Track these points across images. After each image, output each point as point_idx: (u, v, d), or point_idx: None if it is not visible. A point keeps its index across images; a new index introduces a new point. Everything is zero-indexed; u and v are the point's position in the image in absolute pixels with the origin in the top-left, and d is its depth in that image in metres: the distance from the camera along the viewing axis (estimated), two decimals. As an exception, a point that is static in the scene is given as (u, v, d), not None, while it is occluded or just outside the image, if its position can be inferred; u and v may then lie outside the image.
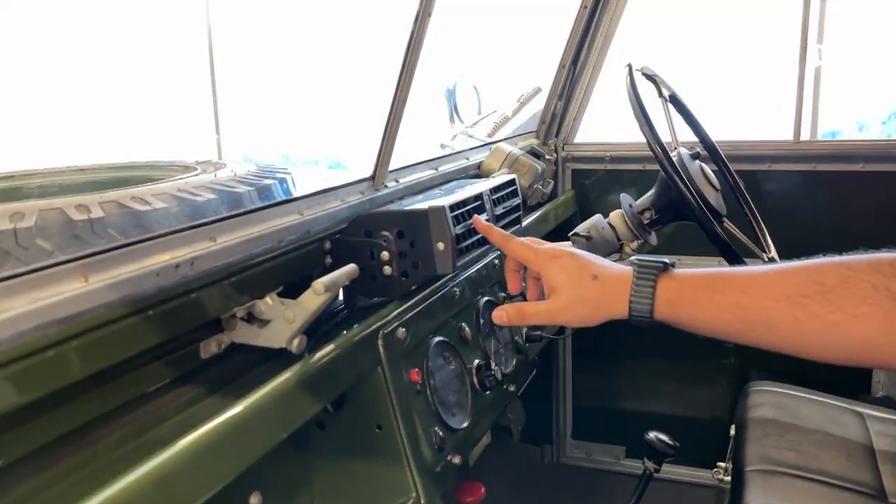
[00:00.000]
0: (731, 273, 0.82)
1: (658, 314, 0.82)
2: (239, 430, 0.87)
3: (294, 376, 0.96)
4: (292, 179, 1.66)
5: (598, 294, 0.85)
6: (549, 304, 0.89)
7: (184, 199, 1.32)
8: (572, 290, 0.86)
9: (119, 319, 0.85)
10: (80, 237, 1.17)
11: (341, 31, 4.31)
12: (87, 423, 0.88)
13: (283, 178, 1.62)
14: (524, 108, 2.24)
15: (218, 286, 0.99)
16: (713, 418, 2.33)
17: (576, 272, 0.86)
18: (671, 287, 0.82)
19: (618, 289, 0.84)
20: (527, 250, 0.93)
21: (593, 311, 0.85)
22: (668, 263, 0.84)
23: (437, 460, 1.18)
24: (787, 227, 2.17)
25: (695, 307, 0.81)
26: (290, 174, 1.68)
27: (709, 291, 0.80)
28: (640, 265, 0.85)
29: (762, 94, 4.05)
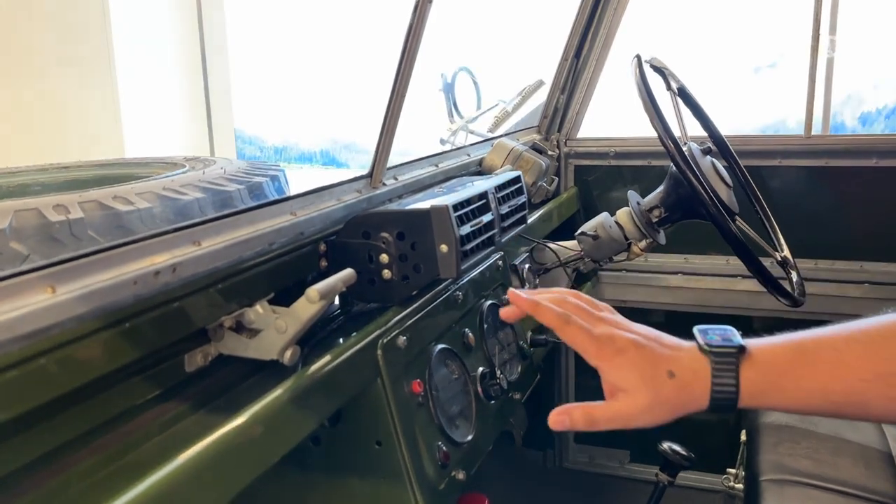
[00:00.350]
0: (813, 348, 0.75)
1: (741, 404, 0.75)
2: (226, 454, 0.80)
3: (286, 392, 0.88)
4: (285, 177, 1.58)
5: (678, 393, 0.76)
6: (622, 407, 0.79)
7: (169, 199, 1.25)
8: (648, 393, 0.76)
9: (92, 333, 0.77)
10: (58, 239, 1.10)
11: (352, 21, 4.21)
12: (58, 447, 0.80)
13: (276, 174, 1.54)
14: (526, 103, 2.16)
15: (203, 294, 0.91)
16: (721, 421, 2.26)
17: (649, 371, 0.77)
18: (754, 377, 0.75)
19: (697, 384, 0.76)
20: (587, 340, 0.80)
21: (672, 410, 0.77)
22: (743, 346, 0.77)
23: (440, 477, 1.11)
24: (798, 224, 2.10)
25: (781, 396, 0.75)
26: (282, 171, 1.60)
27: (794, 378, 0.74)
28: (716, 353, 0.77)
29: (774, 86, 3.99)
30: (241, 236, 0.95)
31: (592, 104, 2.26)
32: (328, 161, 4.46)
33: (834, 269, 2.08)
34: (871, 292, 2.04)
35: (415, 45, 1.20)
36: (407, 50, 1.20)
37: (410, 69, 1.22)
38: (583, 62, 2.18)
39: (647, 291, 2.27)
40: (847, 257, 2.06)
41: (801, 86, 2.06)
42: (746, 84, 4.11)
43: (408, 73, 1.22)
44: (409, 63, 1.21)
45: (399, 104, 1.24)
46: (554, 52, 2.14)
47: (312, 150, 4.64)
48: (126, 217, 1.17)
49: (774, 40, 3.89)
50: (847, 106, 3.91)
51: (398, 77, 1.21)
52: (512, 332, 1.47)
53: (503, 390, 1.29)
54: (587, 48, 2.17)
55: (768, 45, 3.91)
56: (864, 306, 2.06)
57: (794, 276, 1.71)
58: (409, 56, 1.20)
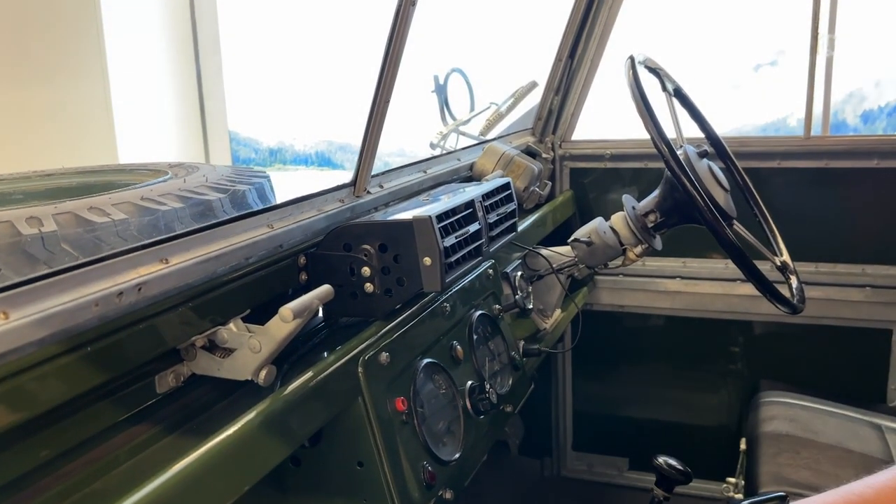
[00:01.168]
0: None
1: None
2: (195, 482, 0.76)
3: (259, 416, 0.84)
4: (270, 184, 1.54)
5: None
6: None
7: (147, 209, 1.21)
8: None
9: (53, 358, 0.74)
10: (31, 254, 1.06)
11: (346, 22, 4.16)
12: (21, 476, 0.76)
13: (260, 182, 1.50)
14: (520, 104, 2.12)
15: (172, 313, 0.87)
16: (721, 428, 2.22)
17: None
18: None
19: None
20: None
21: None
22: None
23: (426, 498, 1.07)
24: (798, 227, 2.05)
25: None
26: (267, 178, 1.56)
27: None
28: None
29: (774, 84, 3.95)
30: (212, 252, 0.91)
31: (587, 105, 2.22)
32: (323, 162, 4.43)
33: (835, 273, 2.04)
34: (873, 296, 2.00)
35: (398, 51, 1.16)
36: (390, 55, 1.16)
37: (394, 75, 1.18)
38: (577, 62, 2.14)
39: (645, 296, 2.22)
40: (848, 260, 2.02)
41: (802, 83, 2.02)
42: (747, 82, 4.07)
43: (391, 79, 1.18)
44: (393, 69, 1.17)
45: (383, 111, 1.20)
46: (548, 53, 2.10)
47: (308, 151, 4.60)
48: (101, 229, 1.13)
49: (775, 37, 3.85)
50: (848, 104, 3.86)
51: (381, 83, 1.17)
52: (503, 342, 1.43)
53: (493, 405, 1.25)
54: (581, 48, 2.13)
55: (768, 43, 3.87)
56: (865, 310, 2.02)
57: (794, 281, 1.67)
58: (392, 62, 1.16)
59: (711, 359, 2.23)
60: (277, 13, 4.52)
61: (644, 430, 2.34)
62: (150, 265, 0.83)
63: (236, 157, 4.71)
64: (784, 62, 3.89)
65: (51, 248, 1.07)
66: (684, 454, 2.20)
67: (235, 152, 4.73)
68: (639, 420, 2.34)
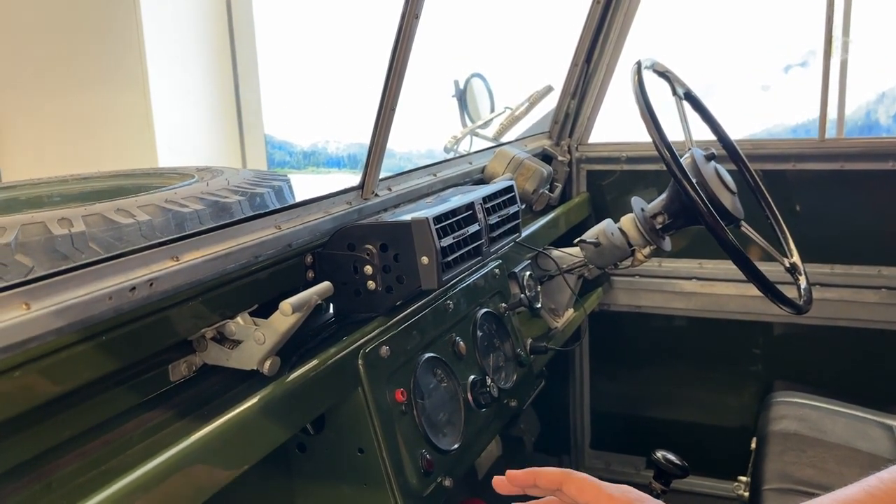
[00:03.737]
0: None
1: None
2: (198, 459, 0.83)
3: (260, 402, 0.91)
4: (289, 187, 1.62)
5: None
6: None
7: (170, 211, 1.29)
8: None
9: (71, 346, 0.81)
10: (61, 252, 1.15)
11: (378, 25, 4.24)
12: (42, 453, 0.84)
13: (279, 185, 1.58)
14: (536, 108, 2.17)
15: (183, 307, 0.94)
16: (736, 428, 2.24)
17: None
18: None
19: None
20: (596, 486, 0.77)
21: None
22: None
23: (424, 484, 1.13)
24: (814, 229, 2.07)
25: None
26: (286, 181, 1.64)
27: None
28: None
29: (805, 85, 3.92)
30: (221, 250, 0.99)
31: (604, 109, 2.25)
32: (356, 165, 4.51)
33: (850, 274, 2.04)
34: (888, 297, 2.00)
35: (402, 62, 1.22)
36: (394, 66, 1.22)
37: (399, 85, 1.25)
38: (594, 67, 2.18)
39: (661, 297, 2.25)
40: (864, 262, 2.03)
41: (832, 84, 2.04)
42: (777, 83, 4.04)
43: (396, 89, 1.24)
44: (397, 79, 1.23)
45: (389, 119, 1.27)
46: (563, 58, 2.14)
47: (340, 154, 4.69)
48: (126, 229, 1.22)
49: (805, 38, 3.81)
50: (881, 104, 3.81)
51: (386, 92, 1.23)
52: (508, 339, 1.48)
53: (493, 398, 1.30)
54: (598, 53, 2.17)
55: (798, 43, 3.84)
56: (881, 312, 2.02)
57: (803, 282, 1.69)
58: (397, 73, 1.22)
59: (727, 359, 2.25)
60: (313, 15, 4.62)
61: (661, 429, 2.36)
62: (161, 262, 0.91)
63: (272, 161, 4.83)
64: (815, 63, 3.85)
65: (79, 247, 1.16)
66: (700, 453, 2.24)
67: (271, 155, 4.84)
68: (656, 419, 2.37)
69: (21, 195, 1.72)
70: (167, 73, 4.11)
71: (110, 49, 4.05)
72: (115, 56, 4.04)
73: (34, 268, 1.09)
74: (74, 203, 1.31)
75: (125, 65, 4.02)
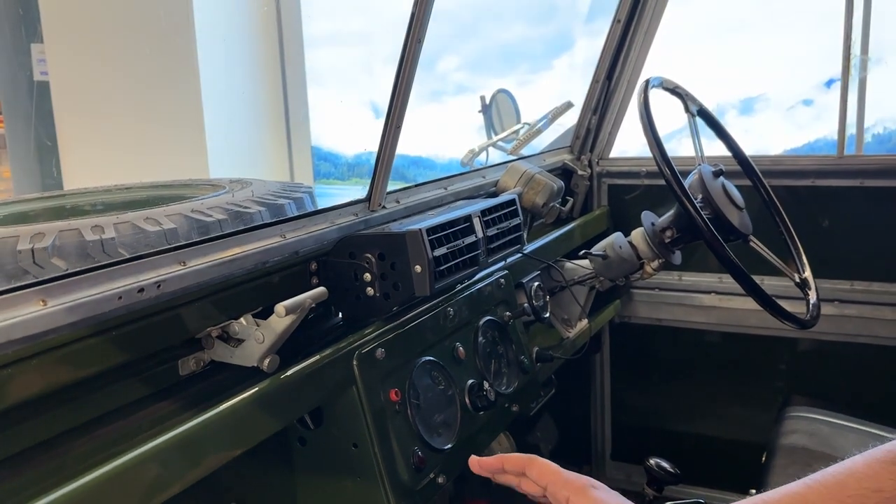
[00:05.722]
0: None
1: None
2: (192, 444, 0.92)
3: (254, 395, 1.00)
4: (311, 198, 1.71)
5: None
6: None
7: (195, 220, 1.39)
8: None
9: (82, 339, 0.91)
10: (92, 256, 1.26)
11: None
12: (57, 436, 0.94)
13: (301, 197, 1.68)
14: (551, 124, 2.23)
15: (190, 307, 1.04)
16: (754, 442, 2.24)
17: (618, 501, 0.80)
18: None
19: None
20: (557, 471, 0.82)
21: None
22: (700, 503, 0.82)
23: (415, 479, 1.20)
24: (832, 245, 2.07)
25: None
26: (308, 192, 1.73)
27: None
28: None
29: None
30: (226, 257, 1.08)
31: (626, 124, 2.30)
32: (396, 177, 4.63)
33: (870, 291, 2.04)
34: (908, 315, 1.99)
35: (406, 82, 1.30)
36: (399, 86, 1.30)
37: (404, 103, 1.33)
38: (615, 84, 2.23)
39: (681, 310, 2.28)
40: (884, 279, 2.02)
41: (876, 97, 2.05)
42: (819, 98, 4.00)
43: (402, 107, 1.32)
44: (402, 98, 1.31)
45: (395, 135, 1.35)
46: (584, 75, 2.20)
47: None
48: (153, 236, 1.33)
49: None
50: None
51: (391, 110, 1.32)
52: (512, 347, 1.54)
53: (490, 402, 1.36)
54: (619, 70, 2.21)
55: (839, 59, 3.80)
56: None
57: (812, 297, 1.71)
58: (402, 92, 1.30)
59: (747, 373, 2.26)
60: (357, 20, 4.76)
61: (682, 441, 2.38)
62: (169, 266, 1.00)
63: (318, 172, 4.97)
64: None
65: (109, 252, 1.27)
66: (719, 465, 2.26)
67: (317, 167, 4.99)
68: (676, 432, 2.38)
69: (67, 203, 1.86)
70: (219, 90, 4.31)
71: (166, 66, 4.26)
72: (170, 73, 4.24)
73: (68, 270, 1.20)
74: (113, 211, 1.43)
75: (180, 84, 4.22)
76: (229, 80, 4.47)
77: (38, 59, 4.49)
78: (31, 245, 1.25)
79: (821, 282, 1.99)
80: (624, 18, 2.13)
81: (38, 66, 4.50)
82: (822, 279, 2.01)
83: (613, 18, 2.14)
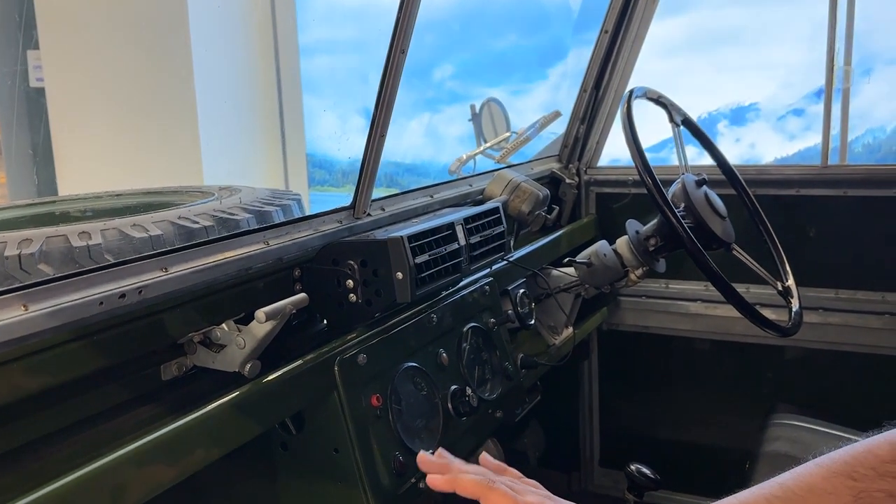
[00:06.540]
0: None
1: None
2: (170, 449, 0.93)
3: (234, 399, 1.01)
4: (299, 205, 1.73)
5: None
6: None
7: (181, 227, 1.41)
8: None
9: (64, 344, 0.92)
10: (78, 262, 1.27)
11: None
12: (37, 439, 0.95)
13: (288, 203, 1.69)
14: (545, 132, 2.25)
15: (172, 313, 1.05)
16: (741, 449, 2.26)
17: None
18: None
19: None
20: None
21: None
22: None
23: (396, 484, 1.21)
24: (817, 254, 2.09)
25: None
26: (297, 200, 1.75)
27: None
28: None
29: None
30: (208, 263, 1.09)
31: (613, 133, 2.32)
32: (391, 184, 4.64)
33: (855, 300, 2.06)
34: (891, 323, 2.01)
35: (391, 93, 1.31)
36: (383, 96, 1.32)
37: (388, 113, 1.34)
38: (602, 93, 2.25)
39: (668, 318, 2.29)
40: (868, 287, 2.04)
41: (864, 107, 2.06)
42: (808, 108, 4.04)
43: (386, 116, 1.34)
44: (387, 108, 1.33)
45: (379, 144, 1.36)
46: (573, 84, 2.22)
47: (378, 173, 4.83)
48: (138, 242, 1.34)
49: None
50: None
51: (375, 119, 1.33)
52: (496, 353, 1.55)
53: (473, 408, 1.38)
54: (607, 80, 2.24)
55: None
56: (885, 337, 2.03)
57: (794, 305, 1.73)
58: (387, 102, 1.32)
59: (733, 381, 2.27)
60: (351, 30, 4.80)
61: (669, 448, 2.39)
62: (151, 272, 1.02)
63: (312, 179, 5.00)
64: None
65: (95, 258, 1.28)
66: (705, 472, 2.27)
67: (312, 174, 5.01)
68: (664, 439, 2.40)
69: (57, 209, 1.88)
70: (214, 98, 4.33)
71: (161, 74, 4.29)
72: (165, 80, 4.27)
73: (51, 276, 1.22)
74: (102, 218, 1.45)
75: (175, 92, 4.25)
76: (225, 87, 4.50)
77: (34, 65, 4.50)
78: (18, 251, 1.27)
79: (806, 290, 2.01)
80: (611, 29, 2.16)
81: (34, 72, 4.51)
82: (806, 288, 2.03)
83: (601, 29, 2.16)
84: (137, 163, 4.38)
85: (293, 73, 4.78)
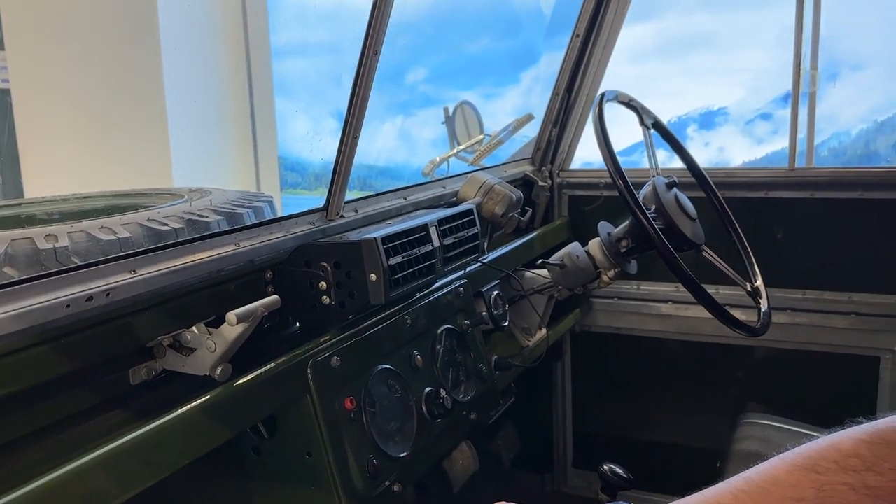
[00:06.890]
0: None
1: None
2: (138, 454, 0.92)
3: (204, 403, 1.00)
4: (271, 207, 1.71)
5: None
6: None
7: (151, 229, 1.39)
8: None
9: (30, 347, 0.91)
10: (45, 265, 1.25)
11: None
12: (4, 444, 0.93)
13: (260, 205, 1.68)
14: (518, 135, 2.25)
15: (140, 316, 1.03)
16: (712, 449, 2.28)
17: None
18: None
19: None
20: None
21: None
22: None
23: (370, 488, 1.20)
24: (785, 255, 2.12)
25: None
26: (270, 201, 1.73)
27: None
28: None
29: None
30: (177, 265, 1.08)
31: (586, 136, 2.33)
32: (364, 187, 4.63)
33: (822, 300, 2.09)
34: (858, 323, 2.05)
35: (364, 95, 1.31)
36: (356, 98, 1.31)
37: (361, 115, 1.34)
38: (574, 96, 2.26)
39: (638, 319, 2.31)
40: (835, 288, 2.07)
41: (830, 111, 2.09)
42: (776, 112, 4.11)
43: (359, 119, 1.34)
44: (360, 110, 1.32)
45: (352, 146, 1.36)
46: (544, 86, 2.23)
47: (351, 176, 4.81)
48: (106, 245, 1.32)
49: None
50: (881, 134, 3.84)
51: (348, 121, 1.33)
52: (470, 355, 1.55)
53: (447, 410, 1.37)
54: (578, 83, 2.25)
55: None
56: (851, 337, 2.06)
57: (763, 306, 1.75)
58: (359, 104, 1.32)
59: (704, 381, 2.30)
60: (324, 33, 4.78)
61: (642, 448, 2.41)
62: (119, 275, 1.00)
63: (285, 182, 4.96)
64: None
65: (62, 261, 1.26)
66: (676, 471, 2.28)
67: (284, 177, 4.98)
68: (637, 439, 2.41)
69: (22, 212, 1.84)
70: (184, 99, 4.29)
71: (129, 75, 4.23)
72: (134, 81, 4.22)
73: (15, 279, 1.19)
74: (69, 220, 1.42)
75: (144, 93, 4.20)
76: (195, 89, 4.46)
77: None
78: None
79: (774, 291, 2.04)
80: (583, 33, 2.17)
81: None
82: (775, 288, 2.06)
83: (573, 33, 2.17)
84: (106, 164, 4.32)
85: (265, 75, 4.75)
